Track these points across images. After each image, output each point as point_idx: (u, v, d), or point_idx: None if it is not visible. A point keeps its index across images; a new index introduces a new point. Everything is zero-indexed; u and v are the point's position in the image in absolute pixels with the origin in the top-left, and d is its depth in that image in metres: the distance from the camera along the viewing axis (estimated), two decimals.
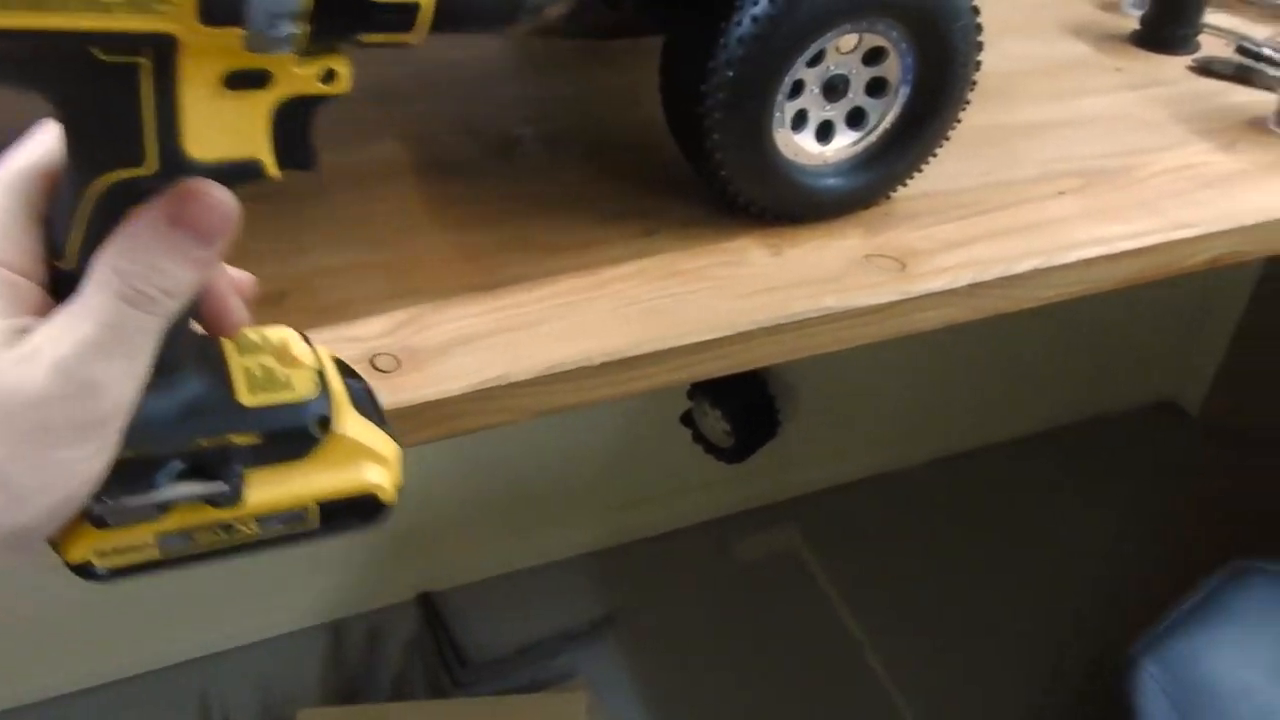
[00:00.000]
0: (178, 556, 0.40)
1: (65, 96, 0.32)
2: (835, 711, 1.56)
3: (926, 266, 0.64)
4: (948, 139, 0.69)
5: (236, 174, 0.35)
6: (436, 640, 1.62)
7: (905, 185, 0.70)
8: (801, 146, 0.66)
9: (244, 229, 0.66)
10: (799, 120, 0.65)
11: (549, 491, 1.68)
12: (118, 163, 0.33)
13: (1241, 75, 0.88)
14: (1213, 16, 0.95)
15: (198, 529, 0.40)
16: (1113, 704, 0.70)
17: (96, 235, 0.34)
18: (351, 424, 0.43)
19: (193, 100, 0.32)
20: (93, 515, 0.37)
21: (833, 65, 0.64)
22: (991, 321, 0.66)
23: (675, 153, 0.69)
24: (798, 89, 0.64)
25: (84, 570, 0.38)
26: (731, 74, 0.60)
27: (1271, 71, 0.87)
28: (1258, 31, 0.94)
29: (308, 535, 0.43)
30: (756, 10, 0.59)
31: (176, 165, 0.33)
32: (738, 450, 1.60)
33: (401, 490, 0.44)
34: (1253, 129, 0.81)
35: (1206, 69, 0.90)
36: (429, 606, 1.67)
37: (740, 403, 1.57)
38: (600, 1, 0.65)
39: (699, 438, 1.64)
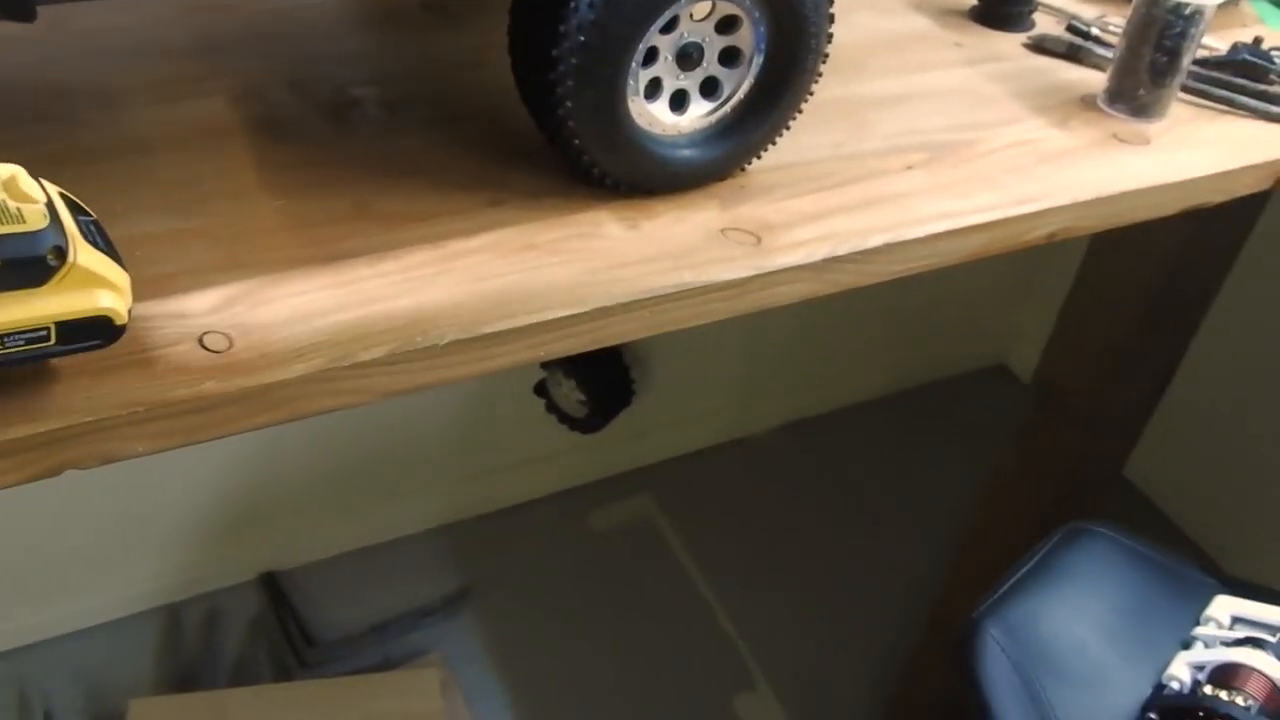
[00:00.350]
0: None
1: None
2: (689, 676, 1.58)
3: (782, 241, 0.64)
4: (801, 111, 0.68)
5: None
6: (280, 620, 1.56)
7: (760, 157, 0.69)
8: (656, 116, 0.64)
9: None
10: (653, 89, 0.64)
11: (398, 464, 1.63)
12: None
13: (1072, 53, 0.92)
14: None
15: None
16: (954, 665, 0.73)
17: None
18: (85, 254, 0.47)
19: None
20: None
21: (686, 32, 0.63)
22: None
23: (524, 119, 0.67)
24: (651, 56, 0.62)
25: None
26: (583, 39, 0.58)
27: (1100, 50, 0.91)
28: (1087, 11, 0.98)
29: (49, 353, 0.47)
30: None
31: None
32: (593, 420, 1.60)
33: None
34: (1084, 106, 0.84)
35: (1040, 46, 0.93)
36: (272, 586, 1.60)
37: (594, 373, 1.56)
38: None
39: (552, 408, 1.62)
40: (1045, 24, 0.96)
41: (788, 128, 0.69)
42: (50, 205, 0.46)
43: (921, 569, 1.71)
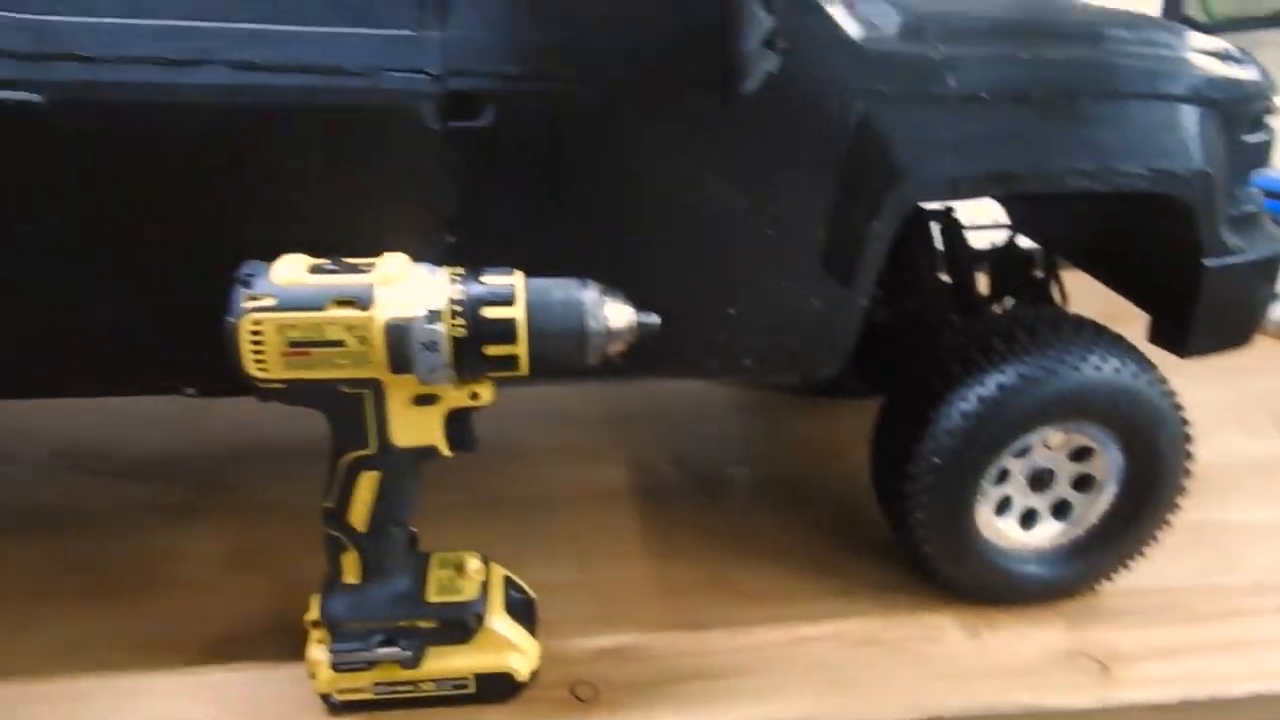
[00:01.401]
0: (384, 699, 0.60)
1: (329, 410, 0.57)
2: None
3: (1132, 674, 0.62)
4: (1156, 539, 0.68)
5: (423, 455, 0.58)
6: None
7: (1111, 579, 0.69)
8: (1004, 531, 0.67)
9: (471, 535, 0.72)
10: (1003, 505, 0.67)
11: None
12: (354, 446, 0.58)
13: None
14: None
15: (396, 683, 0.60)
16: None
17: (344, 490, 0.59)
18: (499, 622, 0.61)
19: (395, 412, 0.57)
20: (330, 661, 0.59)
21: (1039, 458, 0.66)
22: None
23: (874, 511, 0.72)
24: (1003, 476, 0.66)
25: (326, 699, 0.61)
26: (939, 461, 0.63)
27: None
28: None
29: (470, 698, 0.61)
30: (966, 407, 0.63)
31: (387, 449, 0.58)
32: None
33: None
34: None
35: None
36: None
37: None
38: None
39: None
40: None
41: (1142, 554, 0.69)
42: (485, 582, 0.63)
43: None
